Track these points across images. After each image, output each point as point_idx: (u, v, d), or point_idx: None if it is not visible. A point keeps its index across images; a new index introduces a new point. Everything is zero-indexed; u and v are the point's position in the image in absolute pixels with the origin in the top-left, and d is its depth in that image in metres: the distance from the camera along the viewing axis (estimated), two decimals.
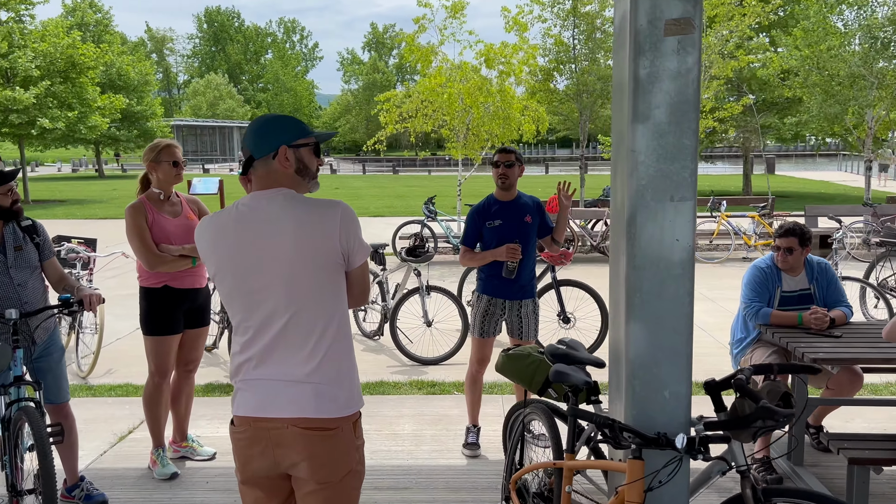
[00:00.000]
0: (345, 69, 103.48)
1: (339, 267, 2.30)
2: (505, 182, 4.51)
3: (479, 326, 4.60)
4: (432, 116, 12.55)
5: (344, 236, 2.27)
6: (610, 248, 2.69)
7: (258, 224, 2.28)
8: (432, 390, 5.94)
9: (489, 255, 4.47)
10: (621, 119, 2.50)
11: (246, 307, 2.33)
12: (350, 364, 2.36)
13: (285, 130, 2.34)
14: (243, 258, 2.29)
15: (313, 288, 2.27)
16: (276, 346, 2.29)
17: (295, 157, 2.35)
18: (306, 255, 2.24)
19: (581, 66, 15.40)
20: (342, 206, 2.30)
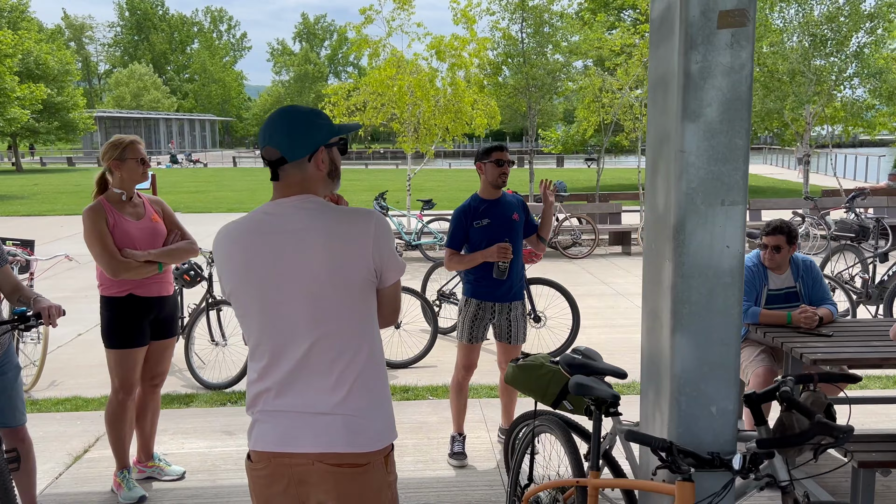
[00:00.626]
0: (275, 60, 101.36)
1: (370, 285, 2.07)
2: (504, 180, 4.32)
3: (467, 332, 4.40)
4: (381, 110, 12.26)
5: (377, 251, 2.04)
6: (645, 255, 2.53)
7: (283, 235, 2.03)
8: (406, 396, 5.72)
9: (479, 257, 4.28)
10: (664, 117, 2.33)
11: (264, 329, 2.07)
12: (383, 392, 2.13)
13: (320, 128, 2.09)
14: (263, 273, 2.04)
15: (342, 308, 2.03)
16: (298, 373, 2.05)
17: (329, 158, 2.11)
18: (335, 271, 2.00)
19: (529, 60, 15.35)
20: (376, 216, 2.07)
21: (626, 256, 12.33)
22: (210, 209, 20.79)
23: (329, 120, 2.13)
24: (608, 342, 7.16)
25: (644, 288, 2.55)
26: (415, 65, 12.09)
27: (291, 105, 2.12)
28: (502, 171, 4.32)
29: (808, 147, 14.56)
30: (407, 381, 6.06)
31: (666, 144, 2.32)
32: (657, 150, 2.39)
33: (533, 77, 14.99)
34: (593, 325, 7.72)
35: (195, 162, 50.07)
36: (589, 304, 8.76)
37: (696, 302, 2.29)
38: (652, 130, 2.44)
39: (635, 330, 7.61)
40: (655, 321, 2.44)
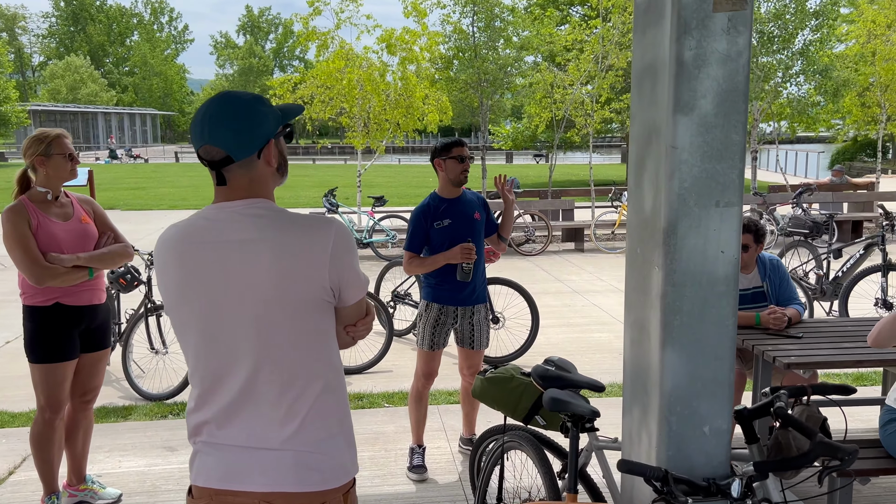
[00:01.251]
0: (218, 53, 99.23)
1: (326, 306, 1.81)
2: (465, 177, 4.08)
3: (428, 338, 4.16)
4: (330, 103, 11.90)
5: (336, 267, 1.77)
6: (629, 261, 2.32)
7: (226, 247, 1.75)
8: (361, 404, 5.44)
9: (441, 258, 4.04)
10: (652, 110, 2.12)
11: (203, 353, 1.80)
12: (342, 424, 1.87)
13: (266, 117, 1.81)
14: (201, 290, 1.76)
15: (292, 332, 1.77)
16: (243, 403, 1.78)
17: (278, 151, 1.84)
18: (284, 291, 1.73)
19: (481, 55, 15.15)
20: (336, 226, 1.80)
21: (579, 253, 12.26)
22: (151, 206, 20.06)
23: (272, 105, 1.86)
24: (566, 342, 7.02)
25: (628, 296, 2.34)
26: (364, 58, 11.76)
27: (228, 92, 1.82)
28: (464, 167, 4.09)
29: (756, 143, 14.72)
30: (361, 387, 5.79)
31: (655, 140, 2.11)
32: (644, 146, 2.18)
33: (484, 71, 14.81)
34: (551, 325, 7.56)
35: (135, 157, 48.61)
36: (545, 302, 8.61)
37: (689, 312, 2.09)
38: (637, 124, 2.22)
39: (593, 329, 7.49)
40: (641, 332, 2.23)
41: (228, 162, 1.77)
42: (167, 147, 68.84)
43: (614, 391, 5.64)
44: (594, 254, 12.14)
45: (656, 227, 2.11)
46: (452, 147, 4.06)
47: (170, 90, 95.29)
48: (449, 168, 4.07)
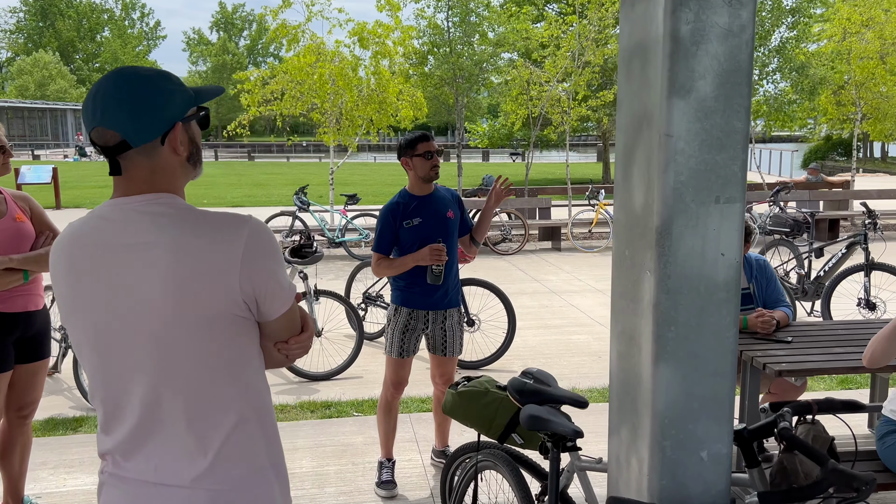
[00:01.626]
0: (191, 49, 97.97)
1: (240, 322, 1.53)
2: (436, 173, 3.82)
3: (397, 345, 3.89)
4: (301, 99, 11.56)
5: (249, 274, 1.50)
6: (616, 265, 2.07)
7: (119, 251, 1.48)
8: (328, 413, 5.16)
9: (410, 260, 3.77)
10: (643, 94, 1.87)
11: (99, 374, 1.54)
12: (271, 455, 1.61)
13: (173, 97, 1.54)
14: (91, 301, 1.50)
15: (196, 354, 1.50)
16: (146, 433, 1.52)
17: (188, 137, 1.57)
18: (184, 304, 1.46)
19: (456, 50, 14.85)
20: (250, 225, 1.52)
21: (556, 252, 12.05)
22: None
23: (182, 84, 1.59)
24: (544, 344, 6.79)
25: (615, 304, 2.09)
26: (336, 52, 11.43)
27: (128, 67, 1.53)
28: (432, 163, 3.83)
29: None
30: (329, 395, 5.50)
31: (646, 127, 1.86)
32: (633, 135, 1.93)
33: (460, 67, 14.54)
34: (527, 327, 7.33)
35: None
36: (522, 303, 8.38)
37: (685, 323, 1.85)
38: (625, 111, 1.97)
39: (572, 330, 7.26)
40: (631, 344, 1.99)
41: (125, 148, 1.50)
42: None
43: (594, 397, 5.41)
44: (571, 253, 11.95)
45: (648, 226, 1.86)
46: (417, 143, 3.80)
47: None
48: (417, 166, 3.81)
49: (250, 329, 1.56)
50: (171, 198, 1.52)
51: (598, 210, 12.18)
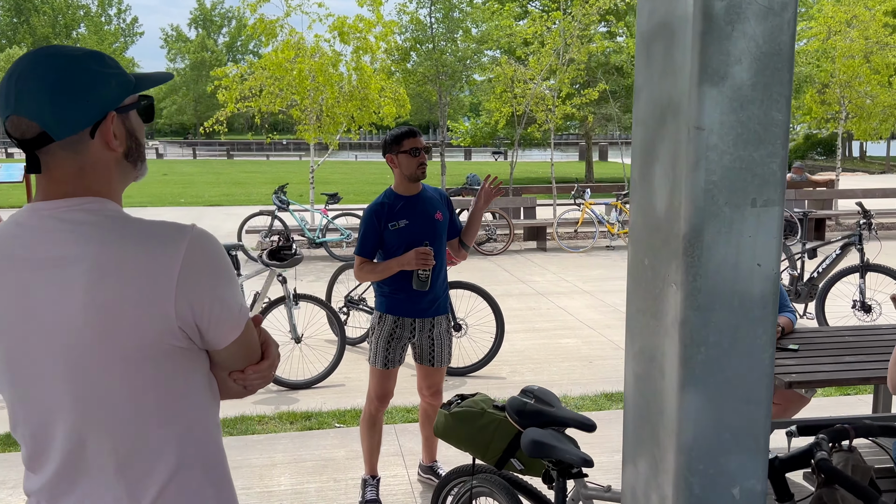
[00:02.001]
0: (169, 47, 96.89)
1: (178, 353, 1.28)
2: (423, 171, 3.58)
3: (382, 355, 3.64)
4: (280, 95, 11.26)
5: (188, 295, 1.24)
6: (632, 275, 1.84)
7: (32, 266, 1.22)
8: (309, 424, 4.90)
9: (395, 265, 3.53)
10: (668, 81, 1.64)
11: (18, 408, 1.30)
12: (220, 499, 1.37)
13: (106, 81, 1.28)
14: (4, 324, 1.25)
15: (124, 390, 1.24)
16: (72, 477, 1.28)
17: (125, 130, 1.31)
18: (108, 331, 1.20)
19: (439, 47, 14.59)
20: (191, 236, 1.26)
21: (541, 252, 11.85)
22: None
23: (119, 67, 1.34)
24: (533, 349, 6.56)
25: (631, 319, 1.86)
26: (316, 48, 11.14)
27: (53, 46, 1.29)
28: (419, 161, 3.58)
29: None
30: (309, 405, 5.23)
31: (671, 119, 1.62)
32: (655, 128, 1.70)
33: (443, 64, 14.28)
34: (515, 330, 7.10)
35: None
36: (509, 305, 8.15)
37: (716, 344, 1.62)
38: (645, 101, 1.74)
39: (560, 334, 7.05)
40: (651, 367, 1.75)
41: (45, 141, 1.24)
42: None
43: (587, 405, 5.20)
44: (557, 253, 11.75)
45: (673, 232, 1.63)
46: (404, 139, 3.55)
47: None
48: (403, 163, 3.56)
49: (193, 360, 1.31)
50: (99, 202, 1.27)
51: (584, 209, 12.00)
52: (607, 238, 12.32)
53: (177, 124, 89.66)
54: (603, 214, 12.20)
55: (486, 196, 3.73)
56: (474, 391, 2.80)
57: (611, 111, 18.33)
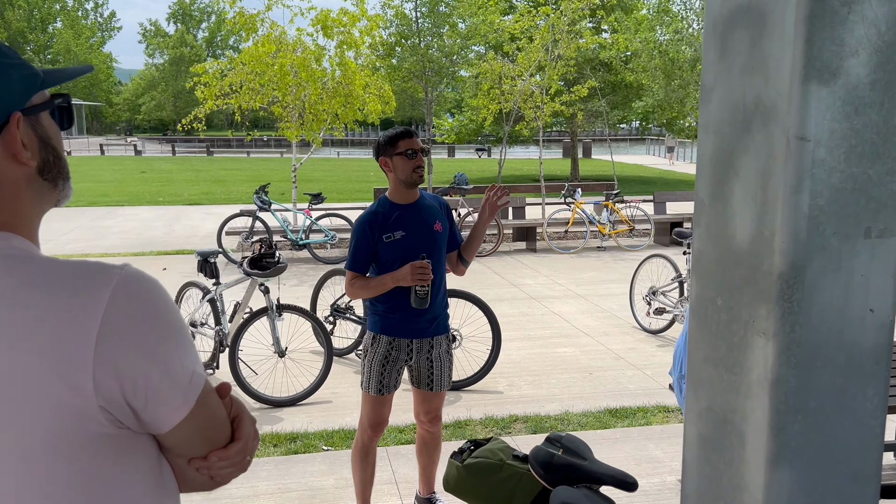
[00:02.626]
0: (147, 42, 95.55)
1: (103, 441, 0.93)
2: (420, 175, 3.23)
3: (376, 379, 3.29)
4: (261, 91, 10.85)
5: (111, 363, 0.90)
6: (697, 315, 1.51)
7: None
8: (293, 447, 4.53)
9: (389, 280, 3.18)
10: (753, 78, 1.31)
11: None
12: None
13: (4, 74, 0.95)
14: None
15: (28, 491, 0.90)
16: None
17: (37, 137, 0.97)
18: (2, 417, 0.87)
19: (425, 42, 14.20)
20: (117, 281, 0.92)
21: (531, 253, 11.53)
22: (68, 203, 18.46)
23: (21, 59, 1.00)
24: (529, 359, 6.24)
25: (694, 367, 1.53)
26: (298, 42, 10.73)
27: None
28: (416, 164, 3.23)
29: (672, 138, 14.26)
30: (294, 424, 4.87)
31: (760, 126, 1.29)
32: (733, 135, 1.37)
33: (429, 59, 13.91)
34: (510, 338, 6.78)
35: None
36: (501, 310, 7.82)
37: (818, 409, 1.29)
38: (718, 103, 1.41)
39: (556, 342, 6.74)
40: (725, 431, 1.42)
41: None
42: (92, 139, 65.70)
43: (590, 422, 4.89)
44: (547, 254, 11.44)
45: (763, 269, 1.30)
46: (398, 140, 3.20)
47: (96, 80, 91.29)
48: (398, 167, 3.21)
49: (129, 448, 0.96)
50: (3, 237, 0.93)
51: (575, 209, 11.70)
52: (598, 238, 12.04)
53: (156, 120, 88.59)
54: (593, 214, 11.91)
55: (490, 208, 3.40)
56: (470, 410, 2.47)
57: (599, 108, 18.06)
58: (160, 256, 11.09)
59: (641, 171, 31.28)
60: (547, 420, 4.93)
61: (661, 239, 12.22)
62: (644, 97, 15.48)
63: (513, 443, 4.57)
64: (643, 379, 5.77)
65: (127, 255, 11.10)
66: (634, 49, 14.58)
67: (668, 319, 6.95)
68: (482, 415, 5.01)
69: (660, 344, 6.71)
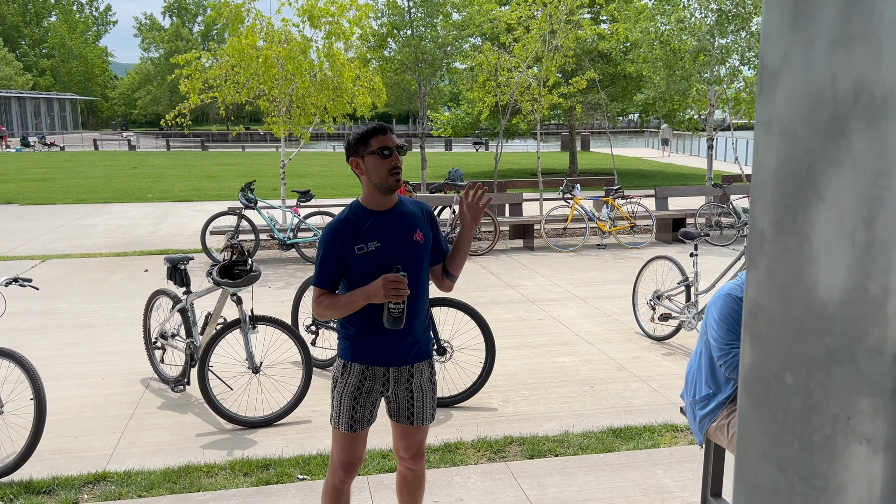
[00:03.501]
0: (143, 35, 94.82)
1: None
2: (397, 178, 2.80)
3: (347, 415, 2.86)
4: (246, 85, 10.38)
5: None
6: (750, 387, 1.07)
7: None
8: (265, 476, 4.10)
9: (359, 298, 2.75)
10: (848, 55, 0.85)
11: None
12: None
13: None
14: None
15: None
16: None
17: None
18: None
19: (418, 32, 13.70)
20: None
21: (529, 252, 11.10)
22: (54, 200, 18.04)
23: None
24: (525, 370, 5.81)
25: (744, 465, 1.10)
26: (284, 32, 10.27)
27: None
28: (391, 164, 2.79)
29: (713, 130, 13.83)
30: (269, 448, 4.44)
31: (862, 127, 0.85)
32: (817, 140, 0.93)
33: (422, 51, 13.42)
34: (505, 346, 6.35)
35: (50, 145, 45.41)
36: (496, 315, 7.40)
37: None
38: (791, 88, 0.97)
39: (555, 350, 6.31)
40: None
41: None
42: (87, 134, 65.23)
43: (592, 444, 4.46)
44: (545, 252, 11.01)
45: (868, 343, 0.86)
46: (370, 137, 2.76)
47: (91, 74, 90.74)
48: (370, 168, 2.77)
49: None
50: None
51: (574, 206, 11.26)
52: (598, 236, 11.61)
53: (152, 115, 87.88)
54: (592, 210, 11.47)
55: (472, 211, 2.96)
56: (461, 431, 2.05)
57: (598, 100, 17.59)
58: (143, 257, 10.65)
59: (640, 164, 30.82)
60: (545, 442, 4.51)
61: (663, 236, 11.80)
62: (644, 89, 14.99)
63: (507, 469, 4.15)
64: (648, 392, 5.35)
65: (109, 256, 10.66)
66: (634, 39, 14.10)
67: (673, 325, 6.52)
68: (474, 436, 4.59)
69: (665, 352, 6.29)
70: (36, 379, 4.05)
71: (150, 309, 5.67)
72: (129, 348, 6.32)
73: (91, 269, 9.77)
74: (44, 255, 10.73)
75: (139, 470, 4.15)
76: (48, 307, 7.75)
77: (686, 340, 6.60)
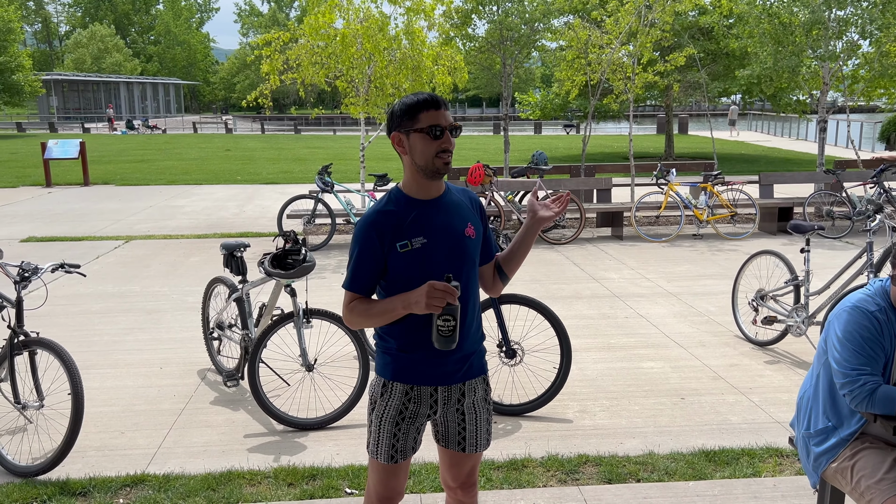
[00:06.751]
0: (242, 21, 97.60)
1: None
2: (446, 161, 2.32)
3: (387, 443, 2.42)
4: (325, 64, 10.10)
5: None
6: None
7: None
8: (311, 488, 3.73)
9: (399, 305, 2.28)
10: None
11: None
12: None
13: None
14: None
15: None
16: None
17: None
18: None
19: (504, 7, 13.07)
20: None
21: (617, 241, 10.40)
22: (148, 181, 18.49)
23: None
24: (607, 376, 5.24)
25: None
26: (363, 9, 9.90)
27: None
28: (442, 146, 2.30)
29: (825, 112, 12.62)
30: (318, 455, 4.08)
31: None
32: None
33: (508, 27, 12.79)
34: (585, 347, 5.79)
35: (153, 128, 47.24)
36: (578, 311, 6.83)
37: None
38: None
39: (642, 354, 5.69)
40: None
41: None
42: (187, 117, 67.70)
43: (681, 469, 3.88)
44: (635, 242, 10.28)
45: None
46: (419, 111, 2.28)
47: (194, 59, 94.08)
48: (416, 147, 2.30)
49: None
50: None
51: (668, 192, 10.46)
52: (694, 225, 10.77)
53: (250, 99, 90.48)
54: (689, 197, 10.64)
55: (543, 213, 2.46)
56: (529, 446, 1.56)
57: (698, 79, 16.44)
58: (222, 239, 10.60)
59: (743, 147, 29.10)
60: (625, 464, 3.96)
61: (766, 226, 10.84)
62: (749, 66, 13.82)
63: (581, 496, 3.62)
64: (748, 408, 4.69)
65: (190, 238, 10.66)
66: (739, 12, 13.01)
67: (779, 330, 5.79)
68: (544, 453, 4.08)
69: (769, 360, 5.57)
70: (74, 373, 3.81)
71: (209, 297, 5.42)
72: (191, 335, 6.12)
73: (171, 250, 9.76)
74: (128, 236, 10.83)
75: (179, 473, 3.87)
76: (121, 289, 7.70)
77: (793, 347, 5.85)
